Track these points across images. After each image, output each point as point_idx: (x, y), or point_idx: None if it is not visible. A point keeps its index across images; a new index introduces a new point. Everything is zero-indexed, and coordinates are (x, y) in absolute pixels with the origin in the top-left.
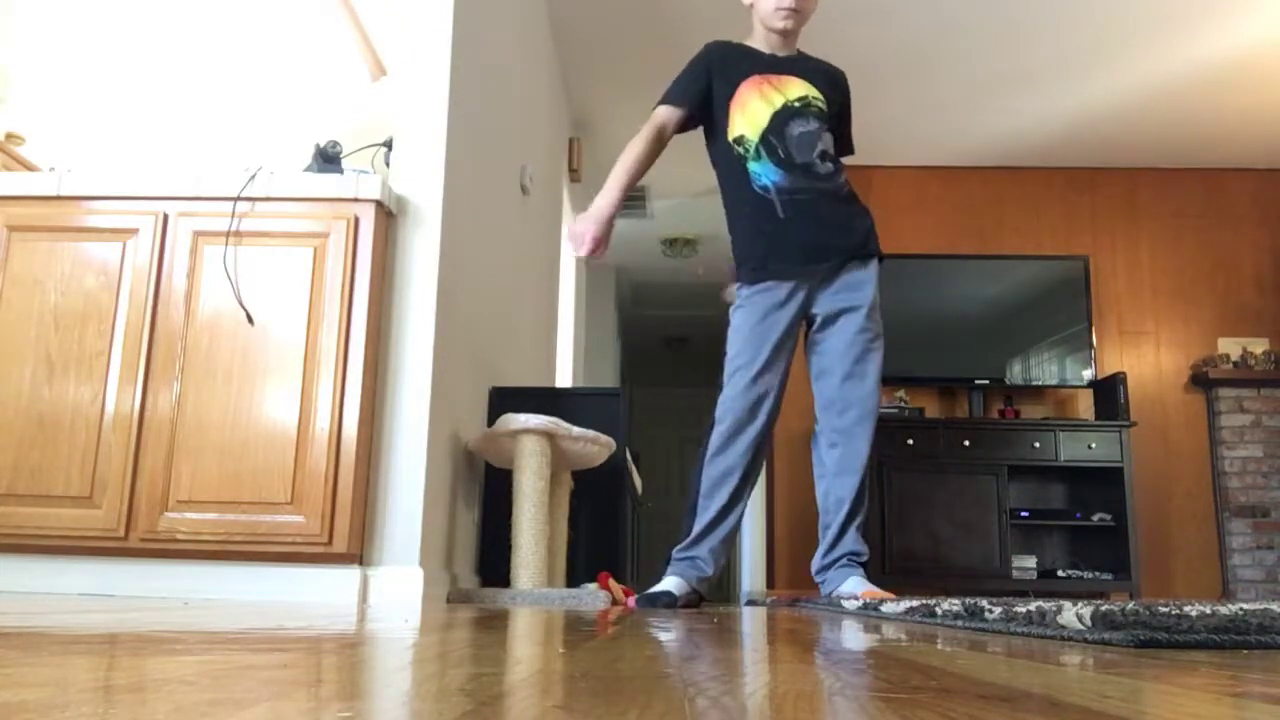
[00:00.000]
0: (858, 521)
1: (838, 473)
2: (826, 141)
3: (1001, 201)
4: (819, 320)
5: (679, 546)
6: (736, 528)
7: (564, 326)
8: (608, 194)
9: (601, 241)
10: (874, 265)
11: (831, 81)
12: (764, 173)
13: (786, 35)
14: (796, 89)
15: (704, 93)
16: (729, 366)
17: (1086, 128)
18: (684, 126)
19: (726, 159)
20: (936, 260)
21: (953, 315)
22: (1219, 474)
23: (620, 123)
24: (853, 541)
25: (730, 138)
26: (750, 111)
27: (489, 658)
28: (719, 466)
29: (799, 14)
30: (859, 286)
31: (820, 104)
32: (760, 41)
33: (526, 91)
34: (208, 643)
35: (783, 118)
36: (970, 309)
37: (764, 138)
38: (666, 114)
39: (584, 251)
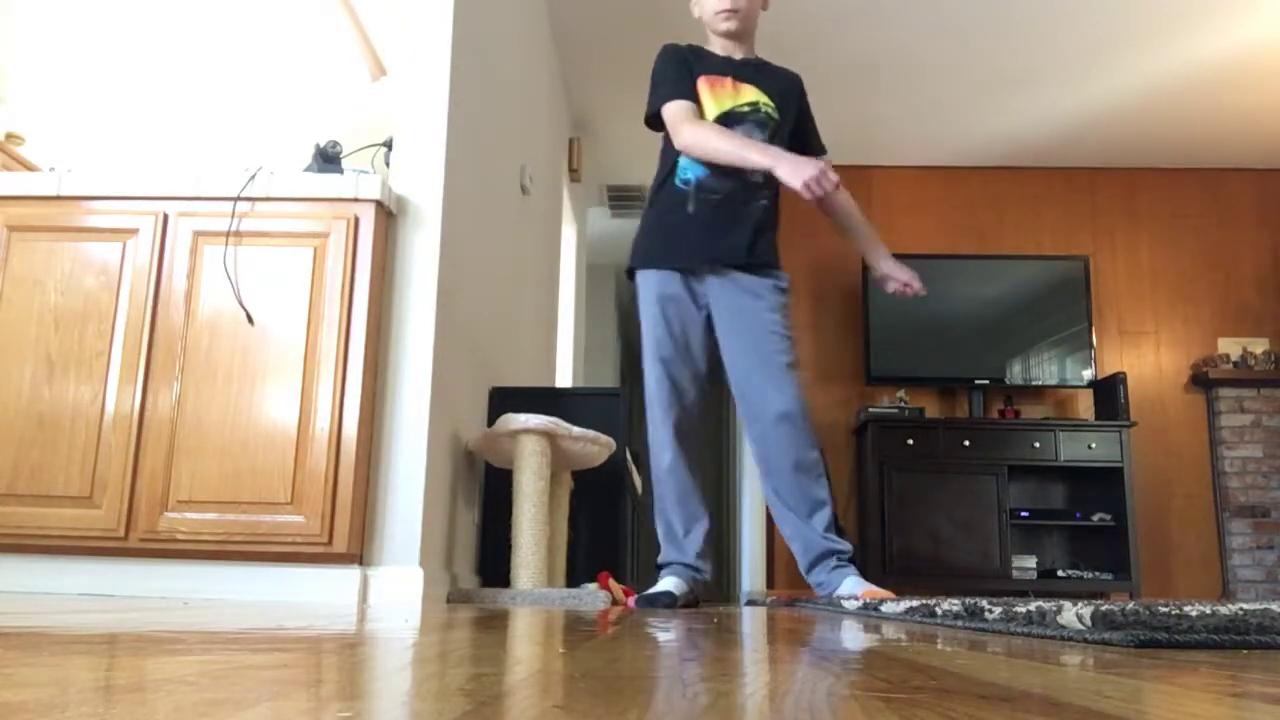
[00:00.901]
0: (822, 524)
1: (768, 477)
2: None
3: (1001, 201)
4: (717, 322)
5: (660, 557)
6: (708, 525)
7: (564, 326)
8: (762, 150)
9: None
10: (773, 274)
11: (784, 91)
12: (690, 168)
13: (736, 38)
14: (748, 95)
15: (693, 85)
16: (644, 362)
17: (1086, 128)
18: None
19: (665, 152)
20: (936, 260)
21: (952, 315)
22: (1219, 474)
23: (620, 123)
24: (825, 543)
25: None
26: (713, 102)
27: (489, 658)
28: (656, 460)
29: (739, 14)
30: (755, 294)
31: (770, 111)
32: (715, 46)
33: (526, 91)
34: (208, 643)
35: (728, 120)
36: (970, 309)
37: None
38: (685, 106)
39: (834, 179)
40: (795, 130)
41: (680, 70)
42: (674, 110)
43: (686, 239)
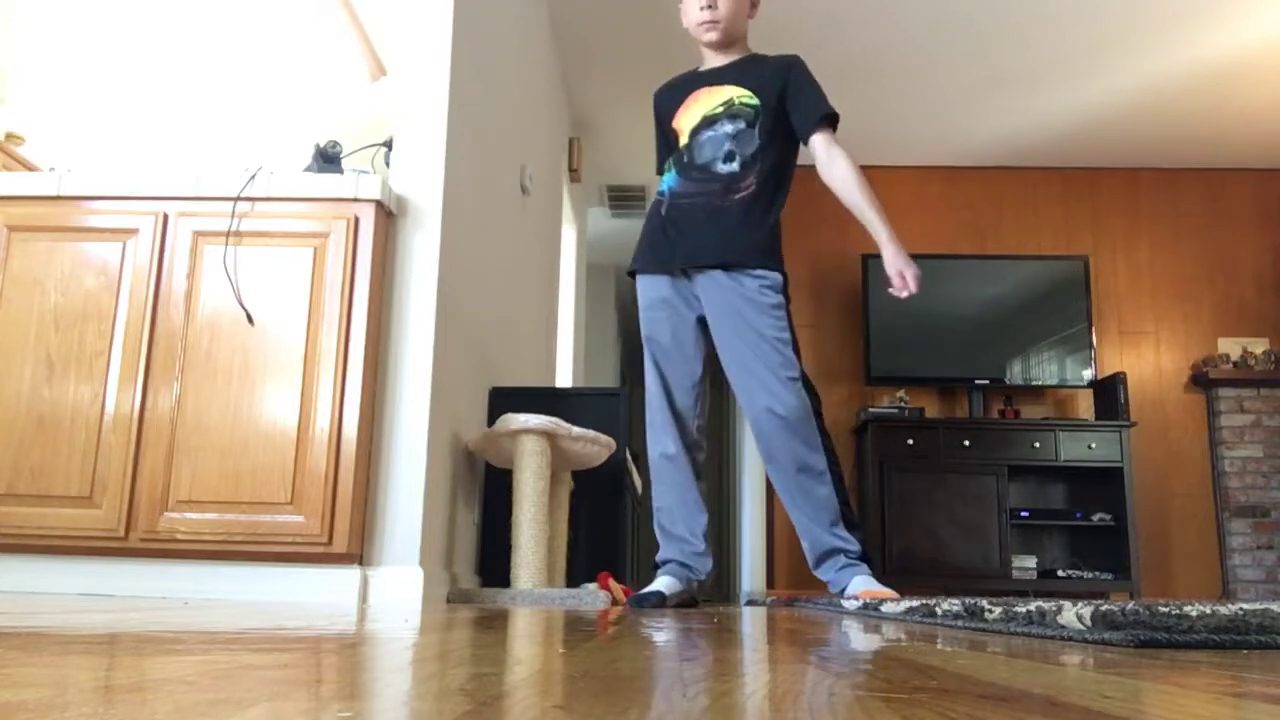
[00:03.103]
0: (828, 520)
1: (773, 476)
2: (742, 141)
3: (1001, 201)
4: (711, 324)
5: (658, 555)
6: (705, 523)
7: (564, 326)
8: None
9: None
10: (759, 274)
11: (769, 77)
12: (667, 179)
13: (721, 47)
14: (721, 95)
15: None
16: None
17: (1086, 128)
18: None
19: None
20: (936, 260)
21: (953, 315)
22: (1219, 474)
23: (620, 123)
24: (831, 540)
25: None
26: (682, 135)
27: (489, 658)
28: (653, 458)
29: (719, 24)
30: (742, 295)
31: (746, 101)
32: (705, 56)
33: (526, 91)
34: (208, 643)
35: (701, 126)
36: (970, 309)
37: (678, 154)
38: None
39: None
40: (789, 111)
41: (659, 136)
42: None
43: (664, 243)
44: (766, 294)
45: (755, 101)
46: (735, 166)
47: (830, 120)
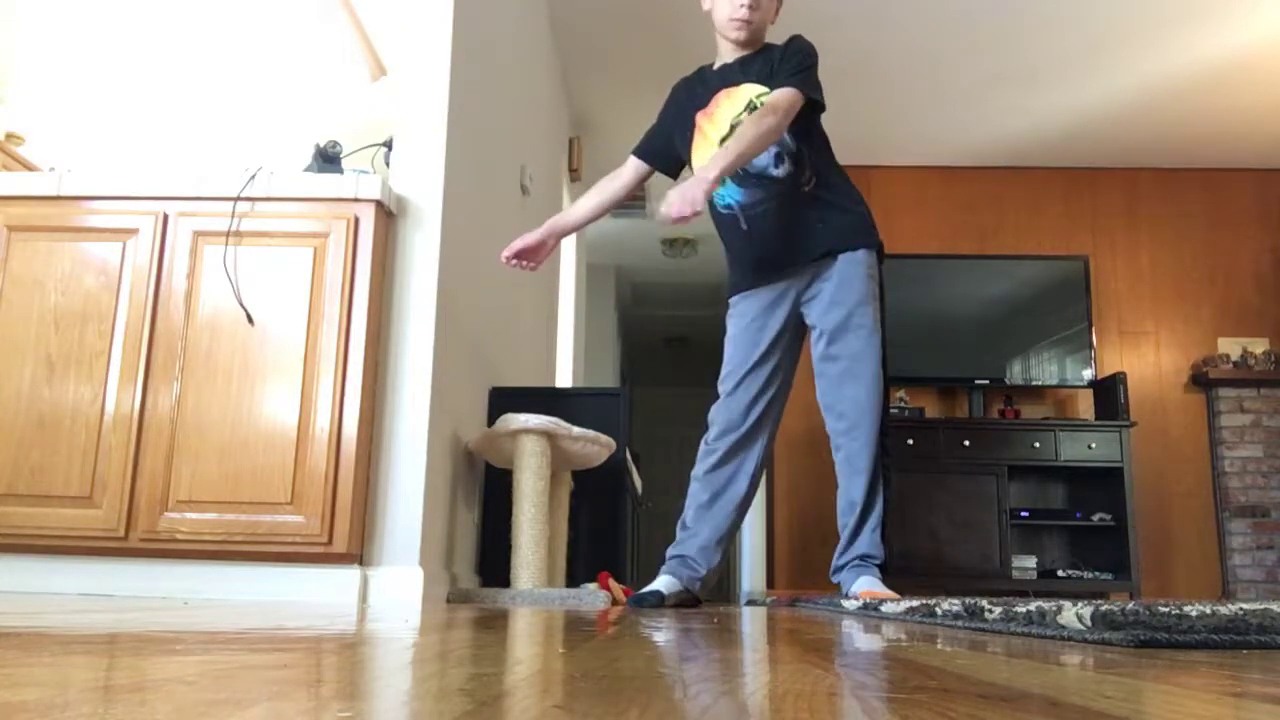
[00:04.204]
0: (871, 523)
1: (845, 475)
2: (783, 140)
3: (1001, 201)
4: (810, 322)
5: (672, 545)
6: (730, 530)
7: (564, 326)
8: (578, 208)
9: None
10: (859, 258)
11: (771, 64)
12: (725, 194)
13: (744, 45)
14: (740, 100)
15: (664, 149)
16: (721, 373)
17: (1086, 128)
18: (648, 176)
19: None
20: (936, 260)
21: (953, 315)
22: (1219, 474)
23: (620, 123)
24: (866, 544)
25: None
26: (703, 145)
27: (489, 658)
28: (705, 466)
29: (752, 25)
30: (842, 284)
31: (764, 98)
32: (722, 51)
33: (526, 91)
34: (208, 643)
35: (735, 129)
36: (970, 309)
37: None
38: (630, 164)
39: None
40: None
41: (659, 127)
42: (628, 160)
43: (755, 254)
44: (865, 281)
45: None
46: (789, 167)
47: (800, 86)
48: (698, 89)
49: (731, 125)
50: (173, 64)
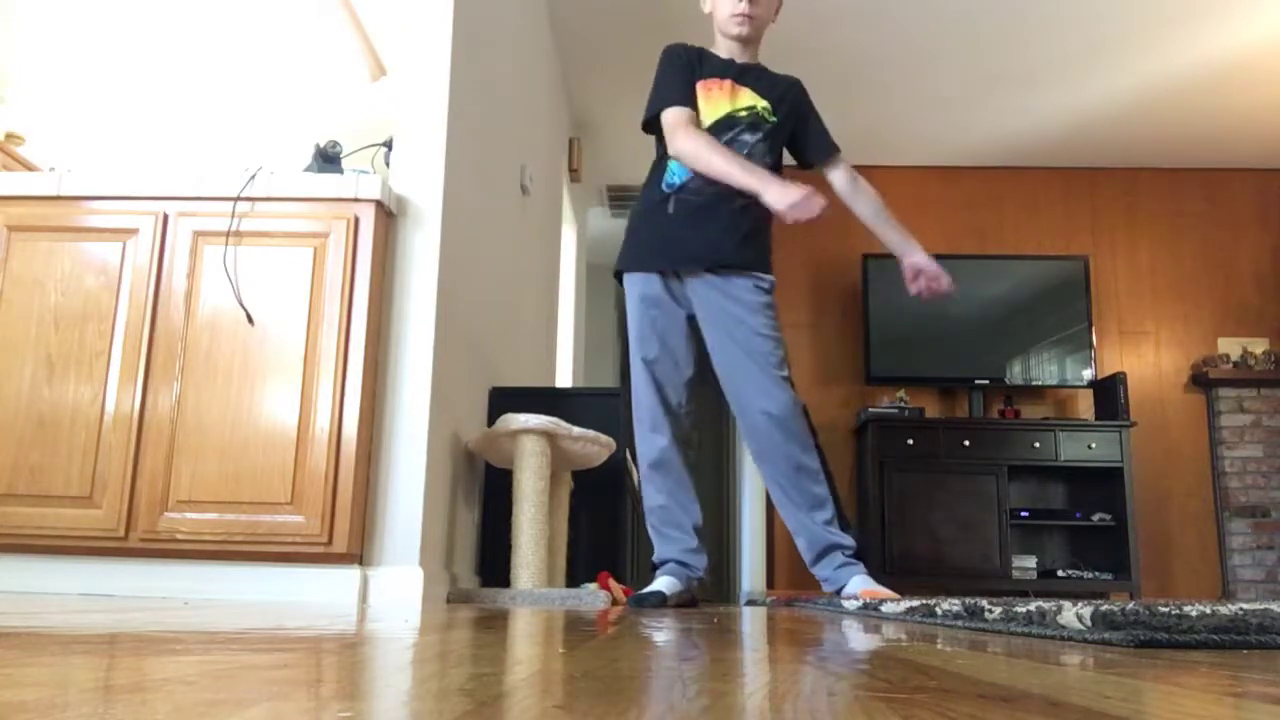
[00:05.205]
0: (824, 517)
1: (767, 476)
2: (758, 152)
3: (1001, 201)
4: (702, 325)
5: (654, 555)
6: (697, 515)
7: (564, 326)
8: (751, 171)
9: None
10: (758, 278)
11: (782, 95)
12: (678, 171)
13: (745, 42)
14: (745, 99)
15: (693, 90)
16: (630, 361)
17: (1086, 128)
18: None
19: (659, 155)
20: (936, 260)
21: (953, 315)
22: (1219, 474)
23: (620, 123)
24: (828, 536)
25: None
26: (711, 106)
27: (489, 658)
28: (647, 462)
29: (754, 20)
30: (739, 296)
31: (768, 116)
32: (720, 49)
33: (526, 91)
34: (208, 643)
35: (723, 125)
36: (970, 309)
37: None
38: (683, 113)
39: (819, 204)
40: (796, 134)
41: (683, 75)
42: (673, 116)
43: (666, 241)
44: (760, 294)
45: (774, 119)
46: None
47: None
48: (706, 65)
49: (727, 114)
50: (173, 64)
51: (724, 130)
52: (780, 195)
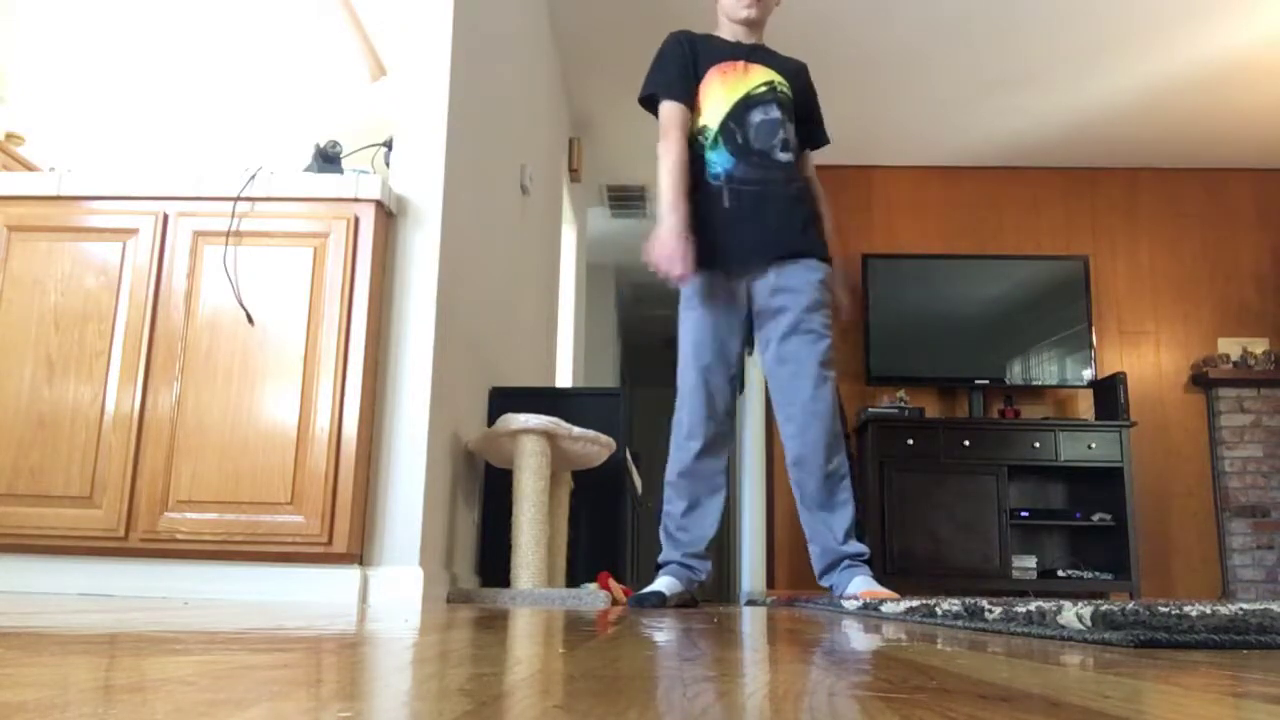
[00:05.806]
0: (844, 531)
1: (798, 474)
2: (789, 130)
3: (1001, 201)
4: (758, 317)
5: (660, 556)
6: (713, 529)
7: (564, 326)
8: (675, 210)
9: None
10: (816, 266)
11: (794, 72)
12: (719, 160)
13: (751, 25)
14: (760, 75)
15: (694, 85)
16: (680, 362)
17: (1086, 128)
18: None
19: (690, 149)
20: (936, 260)
21: (953, 315)
22: (1219, 474)
23: (620, 123)
24: (844, 549)
25: (694, 129)
26: (713, 100)
27: (489, 658)
28: (677, 468)
29: (762, 3)
30: (798, 287)
31: (785, 90)
32: (725, 32)
33: (526, 91)
34: (208, 643)
35: (745, 104)
36: (970, 309)
37: (724, 125)
38: (678, 112)
39: (680, 270)
40: (805, 116)
41: (683, 67)
42: (667, 114)
43: (730, 238)
44: (819, 288)
45: (791, 97)
46: (790, 156)
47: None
48: (712, 50)
49: (747, 94)
50: (173, 64)
51: (750, 108)
52: (657, 241)
